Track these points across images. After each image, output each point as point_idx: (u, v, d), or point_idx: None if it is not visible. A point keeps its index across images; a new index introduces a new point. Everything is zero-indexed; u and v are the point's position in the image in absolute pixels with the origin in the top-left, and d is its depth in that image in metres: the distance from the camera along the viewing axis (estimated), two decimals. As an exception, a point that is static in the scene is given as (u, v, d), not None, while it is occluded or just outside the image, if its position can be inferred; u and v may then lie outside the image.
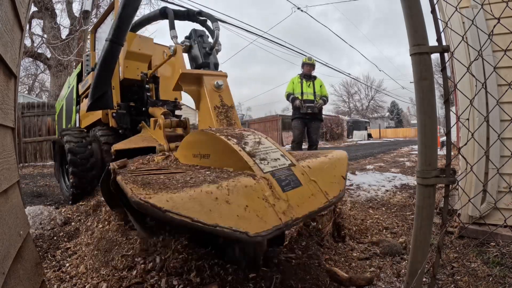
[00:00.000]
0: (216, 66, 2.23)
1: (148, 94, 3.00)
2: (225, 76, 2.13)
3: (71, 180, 2.85)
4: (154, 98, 3.12)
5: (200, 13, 2.59)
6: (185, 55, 2.31)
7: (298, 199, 1.08)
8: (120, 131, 3.00)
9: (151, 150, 2.09)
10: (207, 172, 1.15)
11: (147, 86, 2.99)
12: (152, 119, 2.53)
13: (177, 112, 3.35)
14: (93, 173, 2.90)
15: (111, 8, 3.20)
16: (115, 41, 2.20)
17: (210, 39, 2.36)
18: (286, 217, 0.99)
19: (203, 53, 2.21)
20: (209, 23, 2.51)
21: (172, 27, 2.28)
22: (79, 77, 3.76)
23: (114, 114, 2.91)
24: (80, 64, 3.84)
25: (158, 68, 2.94)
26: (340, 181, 1.30)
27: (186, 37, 2.37)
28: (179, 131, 2.47)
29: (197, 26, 2.56)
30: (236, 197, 0.95)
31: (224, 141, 1.20)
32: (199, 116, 2.02)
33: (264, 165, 1.12)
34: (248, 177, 1.05)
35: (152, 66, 3.28)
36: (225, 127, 1.51)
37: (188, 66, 2.22)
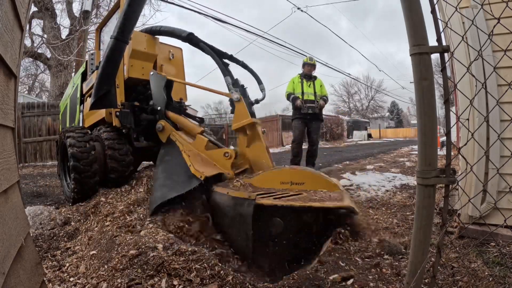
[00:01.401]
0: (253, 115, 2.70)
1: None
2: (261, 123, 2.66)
3: (72, 186, 2.78)
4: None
5: (246, 66, 3.09)
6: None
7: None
8: (123, 131, 2.97)
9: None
10: (320, 192, 1.96)
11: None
12: (202, 138, 2.59)
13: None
14: (96, 179, 2.82)
15: (116, 6, 3.17)
16: (120, 38, 2.17)
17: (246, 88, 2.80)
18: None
19: (248, 102, 2.62)
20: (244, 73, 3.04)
21: (225, 73, 2.62)
22: (84, 76, 3.72)
23: (117, 113, 2.87)
24: (85, 63, 3.80)
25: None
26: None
27: (232, 83, 2.67)
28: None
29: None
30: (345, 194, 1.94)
31: (322, 176, 2.08)
32: (249, 152, 2.57)
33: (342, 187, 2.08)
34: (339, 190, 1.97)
35: (158, 65, 3.26)
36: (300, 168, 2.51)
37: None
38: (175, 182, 2.32)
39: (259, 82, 3.06)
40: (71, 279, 1.53)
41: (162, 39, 3.32)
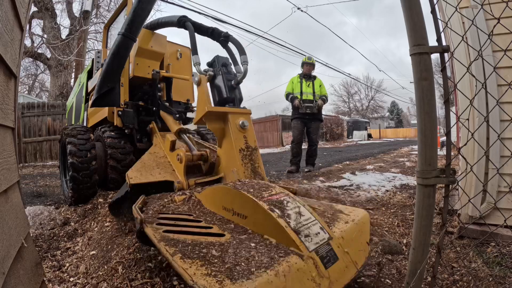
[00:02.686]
0: (240, 101, 2.11)
1: (159, 94, 2.85)
2: (249, 113, 2.06)
3: (70, 184, 2.71)
4: (165, 98, 2.99)
5: (228, 36, 2.38)
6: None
7: (337, 274, 1.11)
8: (126, 131, 2.85)
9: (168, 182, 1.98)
10: (251, 244, 1.18)
11: (158, 85, 2.85)
12: (167, 138, 2.28)
13: (189, 115, 3.20)
14: (95, 178, 2.75)
15: (124, 4, 3.07)
16: (128, 35, 2.09)
17: (233, 68, 2.21)
18: None
19: (228, 85, 2.06)
20: (233, 49, 2.33)
21: (194, 51, 2.10)
22: (90, 75, 3.62)
23: (120, 113, 2.75)
24: (91, 61, 3.72)
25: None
26: (365, 248, 1.34)
27: (208, 64, 2.23)
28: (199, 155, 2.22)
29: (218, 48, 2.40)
30: (292, 284, 0.99)
31: (267, 213, 1.21)
32: (222, 155, 2.00)
33: (309, 242, 1.14)
34: (296, 256, 1.07)
35: (165, 64, 3.14)
36: (260, 184, 1.50)
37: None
38: (124, 186, 2.02)
39: (241, 52, 2.24)
40: (71, 279, 1.53)
41: (171, 38, 3.19)
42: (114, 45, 2.14)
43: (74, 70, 10.92)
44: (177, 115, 2.62)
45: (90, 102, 3.24)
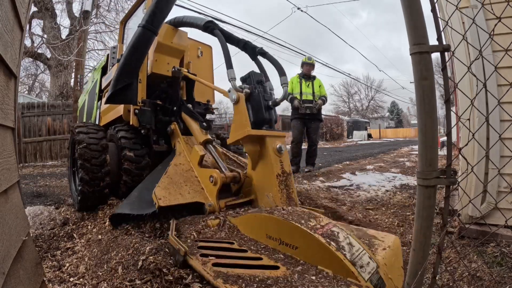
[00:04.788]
0: (275, 123, 2.03)
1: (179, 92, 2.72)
2: (285, 136, 2.00)
3: (79, 188, 2.43)
4: (185, 98, 2.84)
5: (265, 54, 2.28)
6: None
7: None
8: (142, 131, 2.59)
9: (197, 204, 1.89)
10: (312, 277, 1.18)
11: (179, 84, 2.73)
12: (195, 151, 2.17)
13: (208, 116, 3.12)
14: (107, 181, 2.49)
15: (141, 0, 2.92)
16: (149, 28, 1.97)
17: (267, 85, 2.10)
18: None
19: (265, 105, 1.94)
20: (269, 66, 2.25)
21: (229, 64, 1.97)
22: (104, 71, 3.38)
23: (136, 111, 2.52)
24: (106, 56, 3.52)
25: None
26: (401, 273, 1.39)
27: (242, 79, 2.11)
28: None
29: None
30: None
31: (325, 246, 1.22)
32: (255, 177, 1.93)
33: (363, 272, 1.18)
34: (356, 287, 1.12)
35: (185, 62, 2.97)
36: (305, 213, 1.49)
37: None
38: (142, 198, 1.94)
39: (281, 73, 2.17)
40: (71, 279, 1.53)
41: (192, 35, 2.98)
42: (133, 37, 2.01)
43: (74, 70, 10.91)
44: (204, 124, 2.48)
45: (103, 99, 3.08)
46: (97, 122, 3.36)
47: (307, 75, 5.28)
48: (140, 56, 2.07)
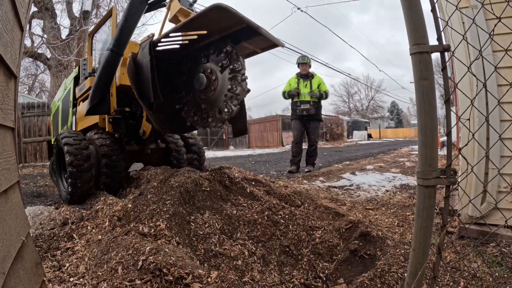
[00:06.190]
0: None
1: None
2: None
3: (69, 180, 2.88)
4: None
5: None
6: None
7: None
8: (116, 135, 3.13)
9: None
10: None
11: None
12: None
13: None
14: (93, 173, 2.93)
15: (108, 15, 3.29)
16: (116, 51, 2.32)
17: None
18: None
19: None
20: None
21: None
22: (76, 81, 3.88)
23: (110, 120, 3.05)
24: (77, 68, 3.96)
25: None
26: None
27: None
28: None
29: None
30: None
31: None
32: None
33: None
34: None
35: None
36: None
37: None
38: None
39: None
40: (71, 279, 1.52)
41: None
42: (103, 60, 2.36)
43: (72, 71, 10.93)
44: None
45: (78, 107, 3.70)
46: (73, 128, 3.86)
47: (304, 75, 5.28)
48: (110, 75, 2.48)
